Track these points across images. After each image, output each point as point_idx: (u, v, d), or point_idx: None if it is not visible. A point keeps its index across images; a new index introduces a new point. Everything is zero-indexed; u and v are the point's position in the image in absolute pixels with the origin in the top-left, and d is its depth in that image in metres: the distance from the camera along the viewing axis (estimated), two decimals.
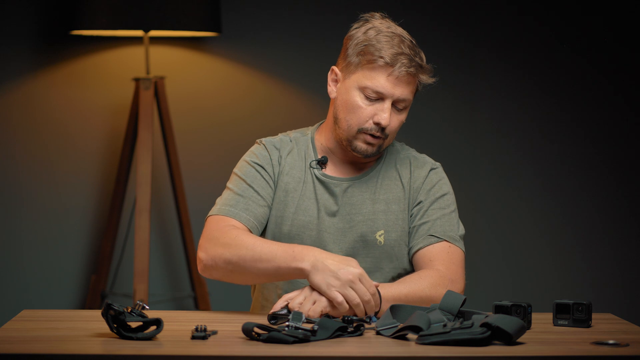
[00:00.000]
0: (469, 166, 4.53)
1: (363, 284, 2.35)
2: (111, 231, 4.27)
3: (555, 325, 2.36)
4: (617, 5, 4.54)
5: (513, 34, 4.53)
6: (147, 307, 2.19)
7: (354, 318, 2.23)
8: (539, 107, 4.56)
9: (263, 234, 2.63)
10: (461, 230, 2.64)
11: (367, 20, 2.61)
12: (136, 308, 2.17)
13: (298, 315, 2.15)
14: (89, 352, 2.02)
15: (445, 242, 2.59)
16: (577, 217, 4.58)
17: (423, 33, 4.49)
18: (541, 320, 2.40)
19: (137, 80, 4.19)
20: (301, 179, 2.64)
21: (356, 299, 2.34)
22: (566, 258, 4.58)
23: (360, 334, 2.21)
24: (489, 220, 4.55)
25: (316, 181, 2.64)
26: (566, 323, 2.35)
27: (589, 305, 2.33)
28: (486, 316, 2.14)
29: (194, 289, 4.32)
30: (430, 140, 4.48)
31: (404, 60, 2.53)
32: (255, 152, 2.66)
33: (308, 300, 2.34)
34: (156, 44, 4.35)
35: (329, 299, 2.34)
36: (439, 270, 2.54)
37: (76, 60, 4.37)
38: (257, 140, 2.70)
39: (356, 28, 2.61)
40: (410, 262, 2.63)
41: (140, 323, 2.14)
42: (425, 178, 2.66)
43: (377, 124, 2.56)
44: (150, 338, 2.12)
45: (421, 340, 2.10)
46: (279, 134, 2.72)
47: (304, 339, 2.10)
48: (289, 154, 2.66)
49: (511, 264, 4.57)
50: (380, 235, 2.61)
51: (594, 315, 2.42)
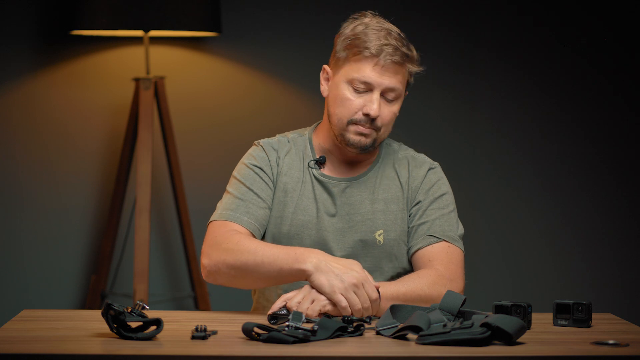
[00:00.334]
0: (468, 166, 4.53)
1: (366, 289, 2.35)
2: (111, 231, 4.26)
3: (555, 325, 2.36)
4: (617, 5, 4.54)
5: (513, 34, 4.52)
6: (147, 307, 2.18)
7: (354, 318, 2.23)
8: (539, 107, 4.56)
9: (263, 234, 2.63)
10: (460, 230, 2.64)
11: (357, 18, 2.61)
12: (136, 308, 2.17)
13: (298, 315, 2.15)
14: (89, 352, 2.02)
15: (444, 242, 2.59)
16: (577, 217, 4.58)
17: (423, 33, 4.53)
18: (541, 320, 2.40)
19: (137, 80, 4.19)
20: (300, 179, 2.64)
21: (358, 305, 2.34)
22: (566, 258, 4.58)
23: (360, 334, 2.21)
24: (489, 220, 4.55)
25: (315, 181, 2.64)
26: (566, 323, 2.35)
27: (589, 305, 2.33)
28: (486, 316, 2.14)
29: (194, 289, 4.32)
30: (430, 140, 4.47)
31: (389, 50, 2.53)
32: (253, 154, 2.66)
33: (306, 299, 2.34)
34: (156, 44, 4.35)
35: (332, 301, 2.34)
36: (438, 270, 2.54)
37: (76, 60, 4.36)
38: (255, 142, 2.69)
39: (346, 26, 2.61)
40: (410, 262, 2.63)
41: (140, 323, 2.14)
42: (423, 178, 2.66)
43: (367, 115, 2.55)
44: (150, 338, 2.12)
45: (421, 340, 2.10)
46: (276, 135, 2.71)
47: (304, 339, 2.10)
48: (287, 155, 2.66)
49: (511, 264, 4.57)
50: (379, 235, 2.61)
51: (594, 315, 2.42)
